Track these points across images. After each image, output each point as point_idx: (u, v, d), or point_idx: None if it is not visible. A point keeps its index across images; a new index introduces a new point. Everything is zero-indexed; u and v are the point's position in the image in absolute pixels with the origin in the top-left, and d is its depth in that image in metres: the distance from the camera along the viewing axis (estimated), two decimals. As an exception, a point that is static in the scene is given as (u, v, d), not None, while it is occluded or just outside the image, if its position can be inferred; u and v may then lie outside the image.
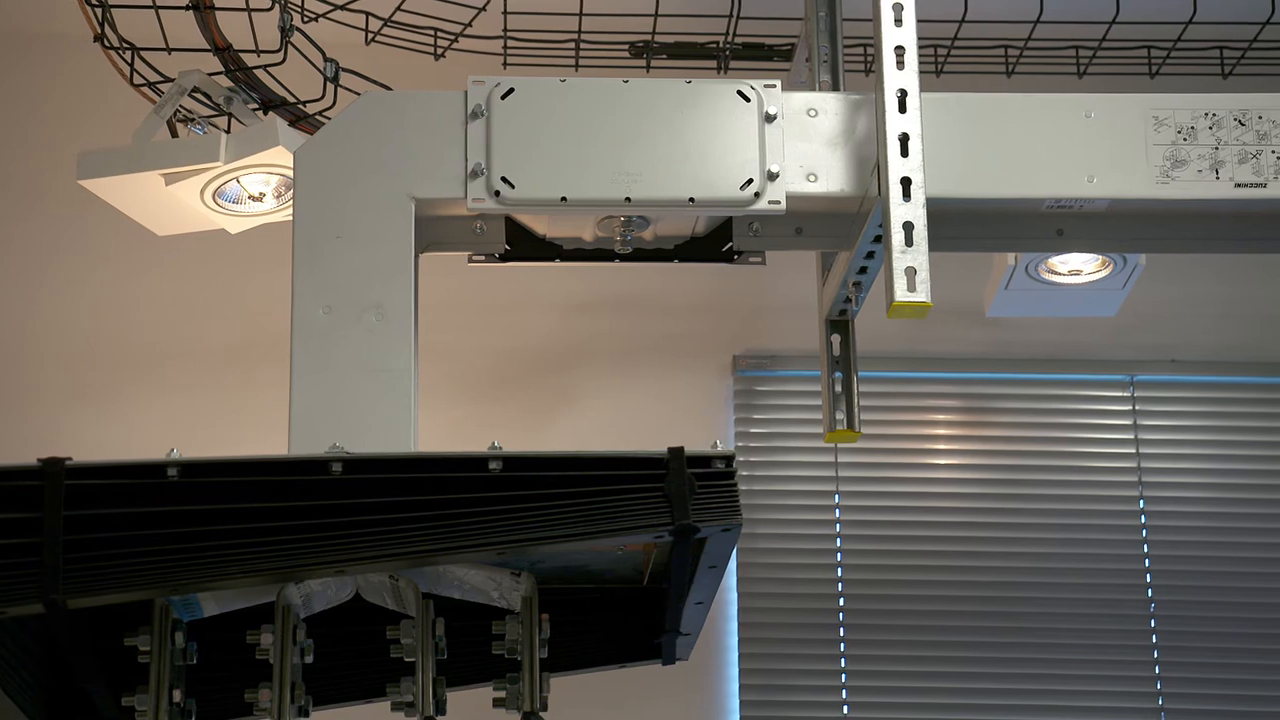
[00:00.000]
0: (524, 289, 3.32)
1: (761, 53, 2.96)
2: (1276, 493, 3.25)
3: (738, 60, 2.99)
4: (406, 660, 1.66)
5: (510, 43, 2.92)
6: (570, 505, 1.56)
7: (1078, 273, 2.75)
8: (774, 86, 2.06)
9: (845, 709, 3.16)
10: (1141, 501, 3.25)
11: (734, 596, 3.20)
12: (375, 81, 2.57)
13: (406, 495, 1.56)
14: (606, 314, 3.35)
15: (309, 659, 1.68)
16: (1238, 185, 2.08)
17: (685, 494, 1.54)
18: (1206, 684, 3.15)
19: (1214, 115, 2.10)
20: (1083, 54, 3.02)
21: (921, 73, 1.99)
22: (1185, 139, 2.09)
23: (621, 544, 1.72)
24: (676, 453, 1.57)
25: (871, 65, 2.07)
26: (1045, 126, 2.11)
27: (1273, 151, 2.08)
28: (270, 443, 1.85)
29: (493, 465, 1.56)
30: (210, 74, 2.52)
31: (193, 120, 2.54)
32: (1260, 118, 2.10)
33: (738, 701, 3.15)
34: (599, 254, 2.16)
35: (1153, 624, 3.19)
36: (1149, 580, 3.21)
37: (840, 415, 2.32)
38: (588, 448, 1.62)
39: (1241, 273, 3.27)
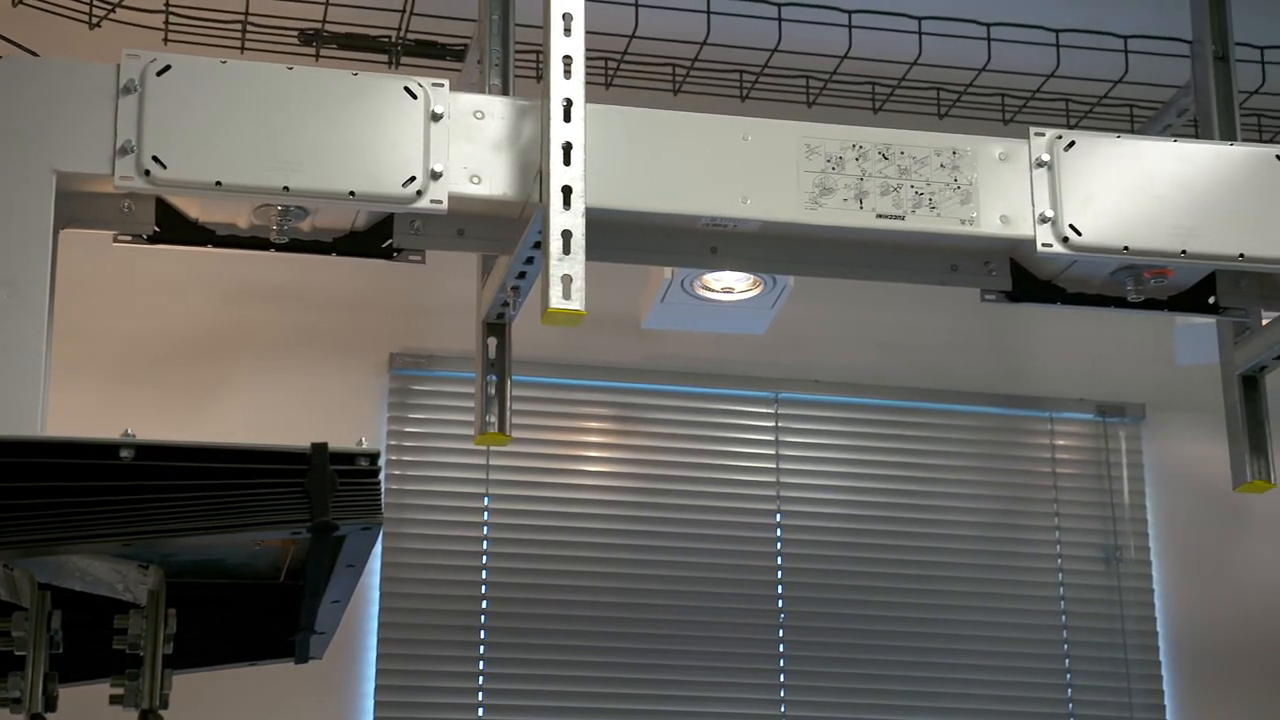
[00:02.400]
0: (174, 273, 3.21)
1: (434, 51, 2.95)
2: (905, 511, 3.41)
3: (410, 56, 2.97)
4: (17, 654, 1.58)
5: (172, 19, 2.83)
6: (205, 498, 1.52)
7: (730, 290, 2.83)
8: (442, 86, 2.06)
9: (480, 711, 3.17)
10: (778, 515, 3.37)
11: (376, 595, 3.17)
12: (20, 46, 2.44)
13: (28, 480, 1.48)
14: (260, 304, 3.26)
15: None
16: (879, 216, 2.18)
17: (326, 491, 1.52)
18: (828, 692, 3.28)
19: (861, 148, 2.19)
20: (746, 78, 3.12)
21: (590, 84, 2.02)
22: (834, 168, 2.18)
23: (258, 539, 1.68)
24: (319, 448, 1.54)
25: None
26: (705, 146, 2.16)
27: (912, 186, 2.19)
28: (-118, 420, 1.73)
29: (124, 453, 1.50)
30: None
31: None
32: (903, 153, 2.21)
33: (373, 702, 3.11)
34: (254, 242, 2.10)
35: (780, 634, 3.31)
36: (780, 591, 3.33)
37: (492, 418, 2.32)
38: (234, 440, 1.57)
39: (882, 299, 3.43)
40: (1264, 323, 2.45)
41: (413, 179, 2.00)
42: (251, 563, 1.79)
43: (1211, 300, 2.34)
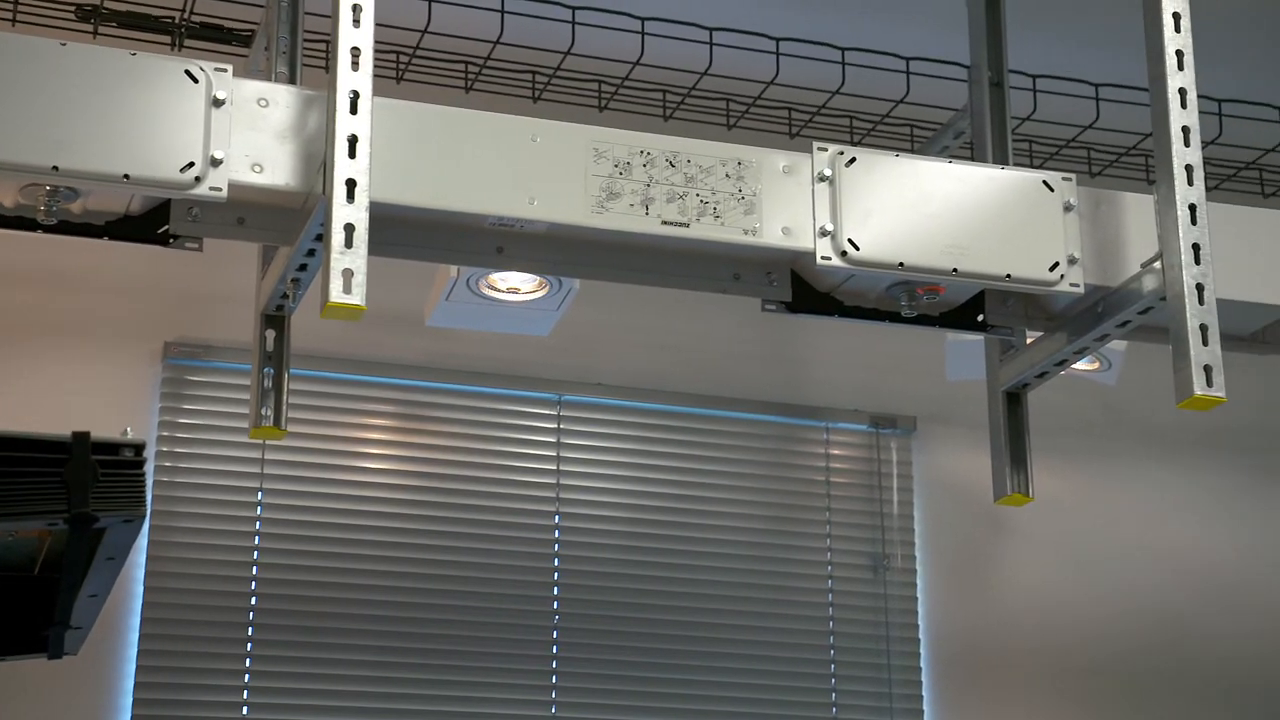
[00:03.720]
0: (-64, 251, 3.07)
1: (219, 35, 2.88)
2: (682, 515, 3.45)
3: (194, 39, 2.90)
4: None
5: (-58, -14, 2.71)
6: (-44, 486, 1.46)
7: (516, 291, 2.82)
8: (225, 71, 2.01)
9: (245, 710, 3.11)
10: (557, 516, 3.38)
11: (140, 590, 3.08)
12: None
13: None
14: (27, 287, 3.15)
15: None
16: (664, 222, 2.20)
17: (86, 481, 1.47)
18: (600, 694, 3.30)
19: (649, 154, 2.21)
20: (539, 80, 3.12)
21: (380, 78, 1.99)
22: (621, 173, 2.19)
23: (12, 529, 1.62)
24: (80, 437, 1.50)
25: (331, 63, 2.05)
26: (494, 145, 2.15)
27: (697, 194, 2.22)
28: None
29: None
30: None
31: None
32: (689, 161, 2.23)
33: (131, 700, 3.02)
34: (20, 222, 2.02)
35: (555, 635, 3.31)
36: (556, 593, 3.34)
37: (267, 411, 2.28)
38: (-7, 427, 1.52)
39: (667, 305, 3.46)
40: (1028, 341, 2.54)
41: (191, 164, 1.95)
42: (4, 554, 1.73)
43: (980, 318, 2.41)
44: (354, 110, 1.95)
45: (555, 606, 3.32)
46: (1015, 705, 3.53)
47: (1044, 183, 2.34)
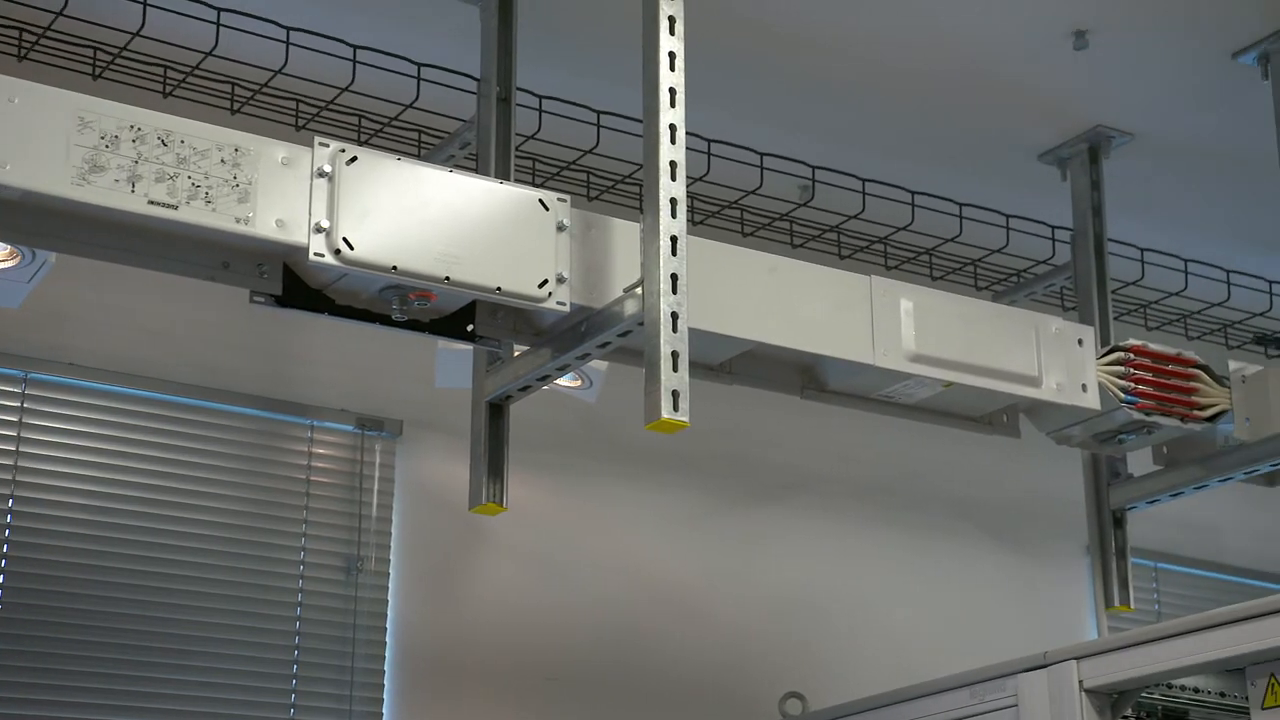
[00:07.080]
0: None
1: None
2: (154, 506, 3.31)
3: None
4: None
5: None
6: None
7: (-16, 258, 2.64)
8: None
9: None
10: (11, 501, 3.18)
11: None
12: None
13: None
14: None
15: None
16: (151, 202, 2.12)
17: None
18: (41, 689, 3.10)
19: (139, 130, 2.13)
20: (27, 38, 2.94)
21: None
22: (108, 146, 2.10)
23: None
24: None
25: None
26: (-34, 102, 2.02)
27: (189, 177, 2.15)
28: None
29: None
30: None
31: None
32: (183, 143, 2.16)
33: None
34: None
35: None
36: (2, 580, 3.13)
37: None
38: None
39: (152, 287, 3.28)
40: (515, 354, 2.60)
41: None
42: None
43: (470, 328, 2.45)
44: None
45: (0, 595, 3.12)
46: (476, 709, 3.58)
47: (540, 201, 2.41)
